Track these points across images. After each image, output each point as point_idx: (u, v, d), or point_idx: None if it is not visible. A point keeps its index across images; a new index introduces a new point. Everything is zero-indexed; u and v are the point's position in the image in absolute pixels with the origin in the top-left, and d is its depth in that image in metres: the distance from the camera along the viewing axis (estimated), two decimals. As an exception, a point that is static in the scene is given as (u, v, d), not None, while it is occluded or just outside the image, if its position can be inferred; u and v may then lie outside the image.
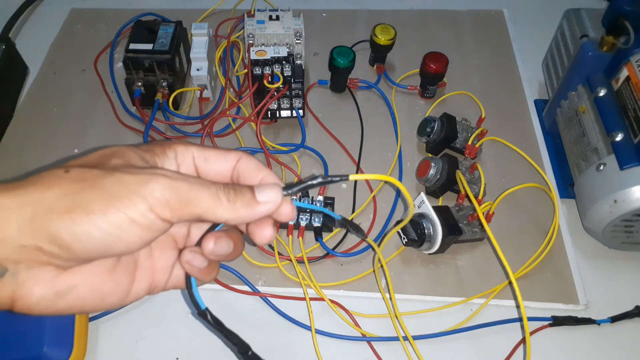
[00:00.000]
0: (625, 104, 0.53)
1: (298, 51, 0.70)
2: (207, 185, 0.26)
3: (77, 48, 0.80)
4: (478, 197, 0.57)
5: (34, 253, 0.24)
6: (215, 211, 0.26)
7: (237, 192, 0.27)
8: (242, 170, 0.30)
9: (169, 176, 0.25)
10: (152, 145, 0.29)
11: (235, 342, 0.31)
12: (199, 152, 0.29)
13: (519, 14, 0.87)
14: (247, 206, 0.27)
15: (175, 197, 0.25)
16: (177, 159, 0.29)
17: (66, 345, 0.48)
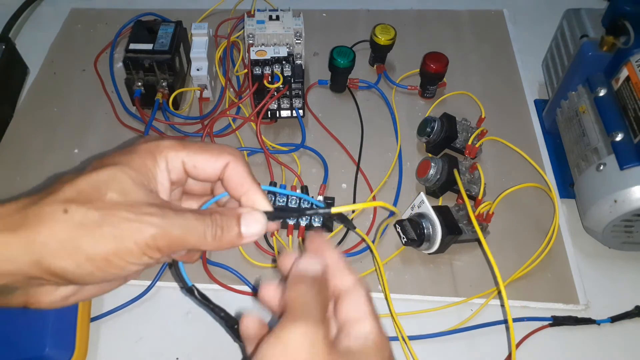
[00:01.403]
0: (625, 104, 0.53)
1: (298, 51, 0.70)
2: (195, 226, 0.28)
3: (77, 48, 0.80)
4: (478, 197, 0.58)
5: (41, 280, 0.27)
6: (201, 246, 0.29)
7: (224, 230, 0.29)
8: (229, 177, 0.31)
9: (160, 225, 0.27)
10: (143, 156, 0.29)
11: (222, 315, 0.33)
12: (188, 158, 0.30)
13: (519, 14, 0.87)
14: (231, 242, 0.29)
15: (165, 242, 0.27)
16: (167, 167, 0.30)
17: (68, 346, 0.48)
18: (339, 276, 0.30)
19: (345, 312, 0.29)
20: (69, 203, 0.27)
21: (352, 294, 0.30)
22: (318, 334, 0.26)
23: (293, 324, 0.26)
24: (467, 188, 0.59)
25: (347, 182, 0.64)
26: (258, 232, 0.29)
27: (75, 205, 0.27)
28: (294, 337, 0.26)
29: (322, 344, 0.26)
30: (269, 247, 0.57)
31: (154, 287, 0.55)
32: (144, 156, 0.29)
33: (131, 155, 0.29)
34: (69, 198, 0.27)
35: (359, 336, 0.28)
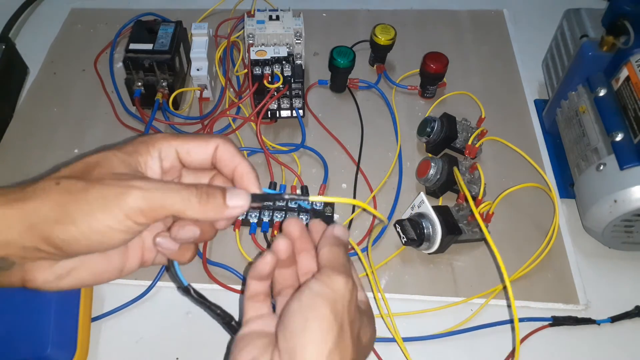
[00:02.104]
0: (625, 104, 0.53)
1: (298, 51, 0.70)
2: (178, 190, 0.30)
3: (77, 48, 0.80)
4: (478, 197, 0.58)
5: (35, 252, 0.29)
6: (186, 212, 0.30)
7: (210, 196, 0.30)
8: (220, 156, 0.33)
9: (142, 187, 0.29)
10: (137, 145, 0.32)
11: (218, 312, 0.34)
12: (182, 146, 0.33)
13: (519, 14, 0.87)
14: (217, 210, 0.31)
15: (148, 205, 0.29)
16: (160, 155, 0.32)
17: (70, 346, 0.49)
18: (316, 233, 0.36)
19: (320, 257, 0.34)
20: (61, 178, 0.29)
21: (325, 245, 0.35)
22: (355, 290, 0.32)
23: (339, 275, 0.31)
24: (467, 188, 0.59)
25: (347, 182, 0.64)
26: (241, 204, 0.31)
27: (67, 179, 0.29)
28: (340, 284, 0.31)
29: (355, 297, 0.32)
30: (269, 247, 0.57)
31: (154, 287, 0.55)
32: (137, 145, 0.32)
33: (124, 144, 0.32)
34: (62, 175, 0.30)
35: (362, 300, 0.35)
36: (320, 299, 0.30)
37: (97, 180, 0.29)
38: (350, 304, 0.31)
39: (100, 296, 0.54)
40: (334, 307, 0.30)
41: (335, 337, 0.29)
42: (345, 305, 0.30)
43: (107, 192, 0.28)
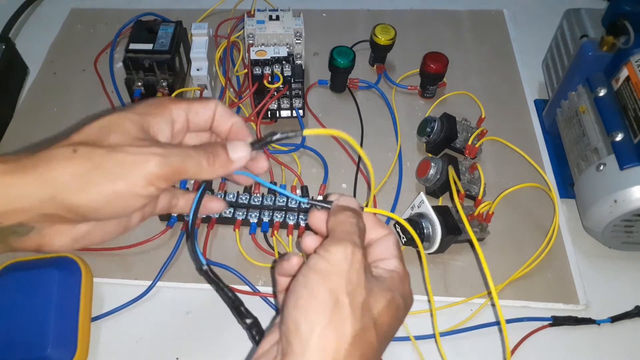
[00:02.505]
0: (625, 104, 0.53)
1: (298, 51, 0.70)
2: (191, 155, 0.31)
3: (77, 48, 0.80)
4: (478, 197, 0.58)
5: (55, 217, 0.30)
6: (199, 175, 0.32)
7: (215, 155, 0.33)
8: (218, 115, 0.36)
9: (161, 154, 0.30)
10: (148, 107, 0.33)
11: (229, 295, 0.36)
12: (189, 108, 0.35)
13: (519, 14, 0.87)
14: (224, 166, 0.33)
15: (168, 171, 0.30)
16: (172, 117, 0.34)
17: (70, 346, 0.48)
18: (372, 230, 0.36)
19: (376, 254, 0.35)
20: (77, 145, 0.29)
21: (383, 240, 0.36)
22: (357, 254, 0.31)
23: (337, 244, 0.31)
24: (467, 188, 0.60)
25: (347, 182, 0.64)
26: (243, 155, 0.34)
27: (83, 146, 0.29)
28: (337, 254, 0.30)
29: (359, 263, 0.31)
30: (269, 247, 0.57)
31: (154, 287, 0.55)
32: (148, 107, 0.33)
33: (135, 106, 0.33)
34: (77, 141, 0.30)
35: (386, 269, 0.34)
36: (313, 273, 0.30)
37: (115, 147, 0.29)
38: (349, 274, 0.30)
39: (100, 296, 0.54)
40: (328, 281, 0.30)
41: (329, 312, 0.29)
42: (342, 277, 0.30)
43: (128, 159, 0.29)
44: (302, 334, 0.29)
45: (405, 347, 0.51)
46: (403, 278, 0.34)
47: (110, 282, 0.55)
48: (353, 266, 0.30)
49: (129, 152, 0.29)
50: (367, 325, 0.30)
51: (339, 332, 0.29)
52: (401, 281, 0.34)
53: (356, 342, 0.29)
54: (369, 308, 0.30)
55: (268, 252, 0.57)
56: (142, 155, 0.29)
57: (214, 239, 0.58)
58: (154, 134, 0.33)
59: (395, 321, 0.32)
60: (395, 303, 0.32)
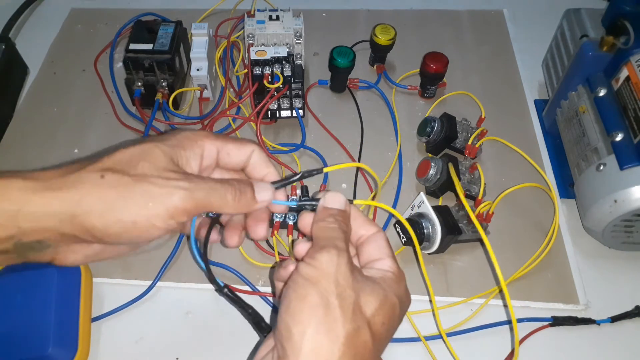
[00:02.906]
0: (625, 104, 0.53)
1: (298, 51, 0.70)
2: (217, 189, 0.32)
3: (77, 48, 0.80)
4: (478, 197, 0.58)
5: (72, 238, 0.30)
6: (222, 209, 0.33)
7: (242, 193, 0.33)
8: (254, 162, 0.36)
9: (187, 188, 0.30)
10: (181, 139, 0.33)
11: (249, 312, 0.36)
12: (223, 147, 0.35)
13: (519, 14, 0.87)
14: (247, 205, 0.33)
15: (192, 204, 0.30)
16: (203, 153, 0.34)
17: (71, 345, 0.48)
18: (362, 227, 0.36)
19: (368, 254, 0.35)
20: (106, 171, 0.30)
21: (373, 239, 0.35)
22: (342, 258, 0.31)
23: (321, 251, 0.31)
24: (467, 188, 0.60)
25: (347, 182, 0.64)
26: (268, 197, 0.34)
27: (111, 172, 0.30)
28: (323, 261, 0.31)
29: (345, 265, 0.31)
30: (269, 248, 0.57)
31: (154, 287, 0.55)
32: (181, 139, 0.33)
33: (167, 136, 0.33)
34: (106, 167, 0.30)
35: (380, 269, 0.34)
36: (302, 279, 0.30)
37: (142, 177, 0.30)
38: (337, 276, 0.30)
39: (100, 296, 0.54)
40: (317, 285, 0.30)
41: (320, 315, 0.29)
42: (330, 280, 0.30)
43: (153, 191, 0.30)
44: (294, 338, 0.29)
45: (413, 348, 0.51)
46: (397, 277, 0.34)
47: (110, 282, 0.55)
48: (339, 269, 0.31)
49: (155, 184, 0.30)
50: (360, 326, 0.30)
51: (331, 334, 0.29)
52: (396, 281, 0.34)
53: (349, 343, 0.29)
54: (361, 309, 0.30)
55: (268, 252, 0.57)
56: (167, 188, 0.30)
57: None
58: (183, 166, 0.33)
59: (391, 320, 0.32)
60: (390, 302, 0.32)
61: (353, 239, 0.36)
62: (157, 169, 0.31)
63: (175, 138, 0.33)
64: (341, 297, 0.30)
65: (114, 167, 0.30)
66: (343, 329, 0.29)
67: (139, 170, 0.30)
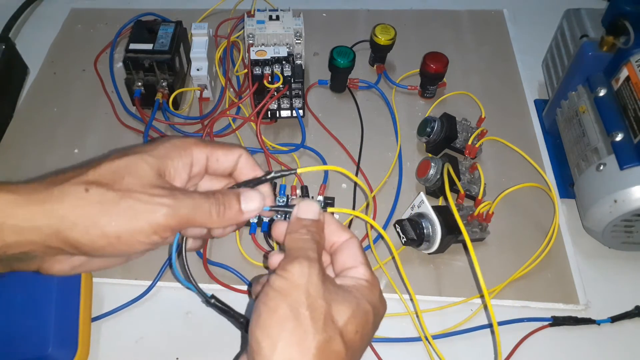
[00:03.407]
0: (625, 104, 0.53)
1: (298, 51, 0.70)
2: (201, 205, 0.31)
3: (77, 48, 0.80)
4: (478, 197, 0.58)
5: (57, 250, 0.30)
6: (207, 225, 0.32)
7: (227, 207, 0.33)
8: (241, 166, 0.36)
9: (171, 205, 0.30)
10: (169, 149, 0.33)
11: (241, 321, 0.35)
12: (212, 153, 0.35)
13: (519, 14, 0.87)
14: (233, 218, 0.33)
15: (175, 221, 0.30)
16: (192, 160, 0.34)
17: (71, 345, 0.49)
18: (335, 234, 0.35)
19: (342, 263, 0.35)
20: (91, 184, 0.30)
21: (346, 246, 0.35)
22: (313, 269, 0.31)
23: (292, 262, 0.31)
24: (467, 188, 0.60)
25: (347, 182, 0.64)
26: (256, 208, 0.34)
27: (96, 186, 0.30)
28: (294, 272, 0.30)
29: (317, 276, 0.31)
30: (268, 247, 0.57)
31: (154, 287, 0.55)
32: (169, 149, 0.33)
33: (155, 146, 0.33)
34: (91, 180, 0.30)
35: (354, 277, 0.33)
36: (272, 291, 0.30)
37: (127, 192, 0.30)
38: (307, 287, 0.30)
39: (100, 296, 0.54)
40: (287, 296, 0.30)
41: (291, 327, 0.29)
42: (300, 291, 0.30)
43: (137, 207, 0.30)
44: (263, 352, 0.29)
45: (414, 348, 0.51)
46: (371, 285, 0.33)
47: (110, 282, 0.55)
48: (310, 280, 0.30)
49: (139, 200, 0.30)
50: (331, 336, 0.29)
51: (301, 346, 0.29)
52: (369, 288, 0.33)
53: (321, 354, 0.29)
54: (333, 318, 0.30)
55: (268, 252, 0.57)
56: (151, 205, 0.30)
57: (214, 239, 0.58)
58: (171, 178, 0.33)
59: (364, 329, 0.31)
60: (363, 310, 0.31)
61: (327, 246, 0.36)
62: (142, 185, 0.30)
63: (163, 147, 0.33)
64: (312, 308, 0.29)
65: (99, 180, 0.30)
66: (314, 340, 0.29)
67: (124, 185, 0.30)
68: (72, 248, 0.30)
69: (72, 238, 0.29)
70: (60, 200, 0.29)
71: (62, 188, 0.30)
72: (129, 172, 0.31)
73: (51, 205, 0.29)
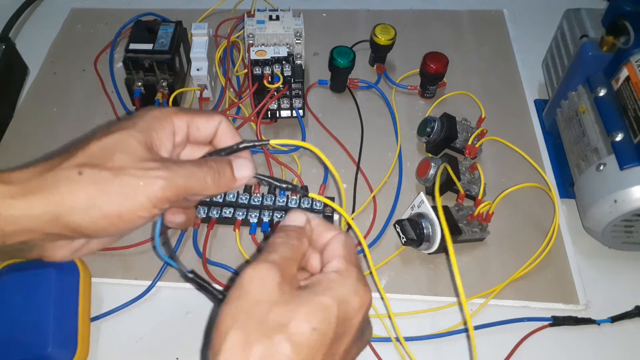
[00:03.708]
0: (625, 104, 0.53)
1: (298, 51, 0.70)
2: (195, 173, 0.32)
3: (77, 48, 0.80)
4: (478, 197, 0.58)
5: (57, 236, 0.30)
6: (203, 192, 0.33)
7: (221, 173, 0.33)
8: (221, 132, 0.36)
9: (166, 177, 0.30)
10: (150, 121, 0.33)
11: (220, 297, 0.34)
12: (192, 121, 0.35)
13: (519, 14, 0.87)
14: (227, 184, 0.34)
15: (173, 192, 0.31)
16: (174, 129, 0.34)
17: (70, 345, 0.48)
18: (322, 234, 0.35)
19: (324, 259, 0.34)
20: (83, 166, 0.30)
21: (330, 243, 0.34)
22: (269, 273, 0.29)
23: (252, 264, 0.30)
24: (467, 188, 0.60)
25: (347, 182, 0.64)
26: (248, 174, 0.34)
27: (89, 167, 0.30)
28: (245, 276, 0.30)
29: (272, 281, 0.29)
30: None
31: (154, 287, 0.55)
32: (150, 121, 0.33)
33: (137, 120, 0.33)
34: (82, 162, 0.30)
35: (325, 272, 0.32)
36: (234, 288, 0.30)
37: (120, 169, 0.30)
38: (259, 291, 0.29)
39: (100, 296, 0.54)
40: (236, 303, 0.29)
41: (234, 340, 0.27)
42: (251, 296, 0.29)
43: (132, 182, 0.30)
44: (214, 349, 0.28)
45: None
46: (341, 276, 0.31)
47: (109, 282, 0.55)
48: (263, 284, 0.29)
49: (134, 175, 0.30)
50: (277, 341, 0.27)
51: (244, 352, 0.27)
52: (338, 280, 0.31)
53: None
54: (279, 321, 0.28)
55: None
56: (147, 179, 0.30)
57: (214, 239, 0.58)
58: (157, 149, 0.33)
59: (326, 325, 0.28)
60: (320, 306, 0.29)
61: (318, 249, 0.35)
62: (134, 159, 0.31)
63: (144, 120, 0.33)
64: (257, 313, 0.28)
65: (90, 161, 0.30)
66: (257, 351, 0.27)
67: (116, 163, 0.30)
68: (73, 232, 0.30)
69: (72, 222, 0.29)
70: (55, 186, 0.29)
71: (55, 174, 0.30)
72: (118, 149, 0.31)
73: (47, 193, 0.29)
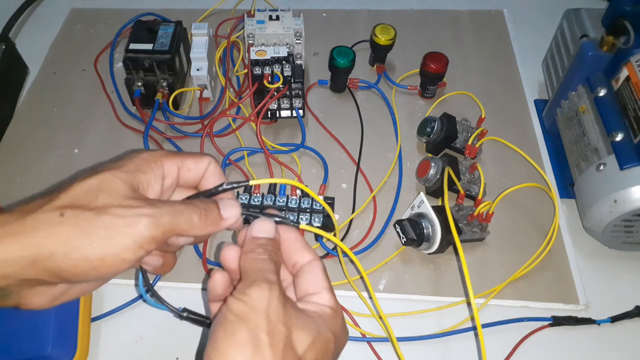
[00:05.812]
0: (625, 104, 0.53)
1: (298, 51, 0.70)
2: (182, 211, 0.30)
3: (77, 48, 0.80)
4: (478, 197, 0.58)
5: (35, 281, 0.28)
6: (189, 231, 0.31)
7: (207, 212, 0.32)
8: (208, 174, 0.35)
9: (152, 215, 0.29)
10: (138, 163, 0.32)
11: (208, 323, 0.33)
12: (182, 163, 0.34)
13: (519, 14, 0.87)
14: (214, 224, 0.32)
15: (159, 230, 0.29)
16: (164, 173, 0.33)
17: (70, 346, 0.49)
18: (297, 253, 0.34)
19: (305, 287, 0.33)
20: (65, 208, 0.28)
21: (309, 269, 0.34)
22: (274, 292, 0.30)
23: (251, 286, 0.30)
24: (467, 188, 0.60)
25: (347, 182, 0.64)
26: (235, 214, 0.33)
27: (71, 209, 0.28)
28: (253, 296, 0.29)
29: (277, 299, 0.29)
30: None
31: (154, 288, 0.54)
32: (139, 163, 0.32)
33: (124, 161, 0.32)
34: (64, 204, 0.29)
35: (317, 303, 0.32)
36: (232, 316, 0.29)
37: (104, 209, 0.28)
38: (268, 312, 0.29)
39: (100, 296, 0.54)
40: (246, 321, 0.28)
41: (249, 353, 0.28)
42: (260, 315, 0.28)
43: (117, 223, 0.28)
44: None
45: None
46: (335, 313, 0.32)
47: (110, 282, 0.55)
48: (271, 304, 0.29)
49: (118, 215, 0.28)
50: None
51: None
52: (332, 316, 0.32)
53: None
54: (293, 345, 0.29)
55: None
56: (131, 218, 0.28)
57: (214, 239, 0.58)
58: (144, 191, 0.31)
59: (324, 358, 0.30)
60: (323, 338, 0.30)
61: (288, 265, 0.35)
62: (117, 199, 0.29)
63: (132, 162, 0.32)
64: (272, 334, 0.28)
65: (73, 203, 0.29)
66: None
67: (99, 202, 0.29)
68: (52, 277, 0.28)
69: (52, 266, 0.27)
70: (35, 229, 0.28)
71: (36, 216, 0.28)
72: (102, 189, 0.29)
73: (25, 236, 0.27)
